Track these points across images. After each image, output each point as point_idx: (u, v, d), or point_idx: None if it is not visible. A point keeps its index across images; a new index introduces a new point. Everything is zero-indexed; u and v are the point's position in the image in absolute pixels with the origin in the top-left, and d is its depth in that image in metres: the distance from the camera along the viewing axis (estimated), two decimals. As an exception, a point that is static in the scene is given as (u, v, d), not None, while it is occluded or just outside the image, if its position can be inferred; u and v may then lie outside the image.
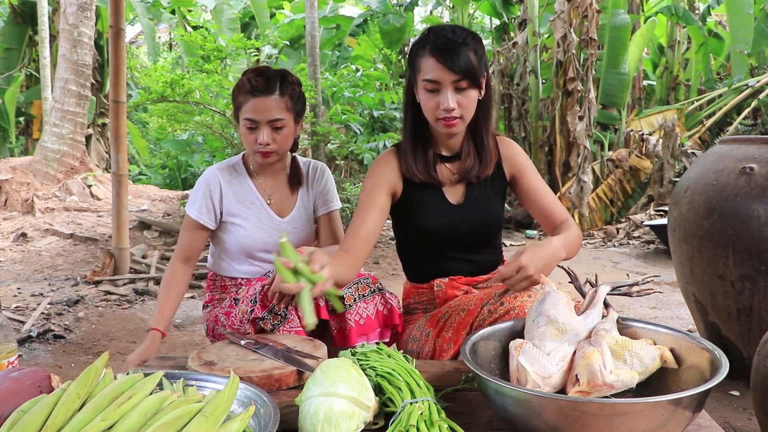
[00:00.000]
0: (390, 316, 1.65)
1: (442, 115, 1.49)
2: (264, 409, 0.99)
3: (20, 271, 4.62)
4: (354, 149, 7.22)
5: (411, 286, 1.76)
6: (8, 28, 9.21)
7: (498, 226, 1.71)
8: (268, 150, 1.73)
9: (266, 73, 1.74)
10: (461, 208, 1.64)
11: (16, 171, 6.90)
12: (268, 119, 1.70)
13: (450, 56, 1.46)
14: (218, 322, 1.76)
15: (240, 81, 1.75)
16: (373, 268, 4.96)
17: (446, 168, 1.64)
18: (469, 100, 1.50)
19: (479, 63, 1.50)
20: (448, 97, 1.47)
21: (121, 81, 4.05)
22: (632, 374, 1.06)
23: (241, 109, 1.74)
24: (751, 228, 2.12)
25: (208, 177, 1.83)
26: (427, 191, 1.63)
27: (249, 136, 1.73)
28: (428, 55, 1.48)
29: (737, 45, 8.12)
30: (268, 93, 1.70)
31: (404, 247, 1.77)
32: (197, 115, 6.60)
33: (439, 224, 1.63)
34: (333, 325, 1.64)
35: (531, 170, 1.70)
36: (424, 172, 1.59)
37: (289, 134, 1.76)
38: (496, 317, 1.41)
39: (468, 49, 1.48)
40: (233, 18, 10.18)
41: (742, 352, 2.26)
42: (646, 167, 7.48)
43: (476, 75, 1.48)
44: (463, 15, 9.31)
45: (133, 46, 14.46)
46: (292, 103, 1.75)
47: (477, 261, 1.69)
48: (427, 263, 1.70)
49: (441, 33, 1.50)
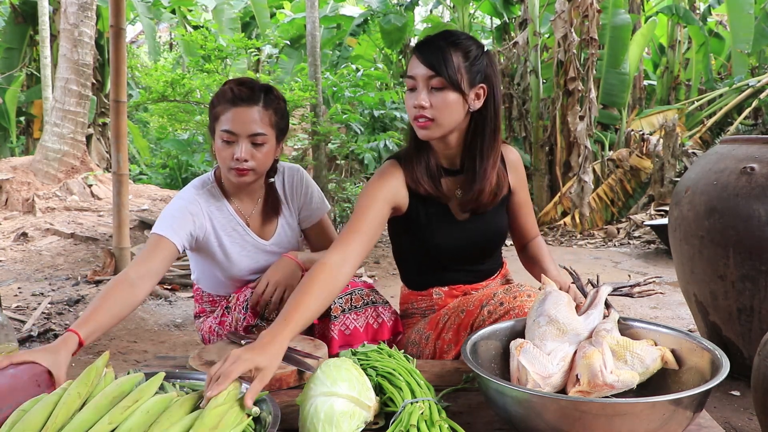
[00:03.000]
0: (380, 330, 1.60)
1: (414, 114, 1.42)
2: (265, 409, 1.00)
3: (21, 270, 4.62)
4: (354, 149, 7.22)
5: (409, 293, 1.72)
6: (9, 28, 9.21)
7: (503, 237, 1.68)
8: (246, 167, 1.54)
9: (250, 84, 1.58)
10: (467, 225, 1.59)
11: (16, 170, 6.90)
12: (249, 133, 1.53)
13: (426, 51, 1.41)
14: (212, 332, 1.73)
15: (220, 90, 1.59)
16: (373, 268, 4.97)
17: (450, 182, 1.57)
18: (444, 102, 1.40)
19: (470, 68, 1.41)
20: (420, 93, 1.40)
21: (122, 81, 4.05)
22: (633, 375, 1.06)
23: (219, 120, 1.55)
24: (751, 228, 2.12)
25: (188, 201, 1.62)
26: (433, 207, 1.56)
27: (225, 150, 1.54)
28: (414, 53, 1.45)
29: (738, 45, 8.12)
30: (251, 103, 1.54)
31: (404, 257, 1.71)
32: (198, 115, 6.60)
33: (444, 241, 1.58)
34: (317, 330, 1.61)
35: (525, 184, 1.69)
36: (430, 184, 1.51)
37: (269, 153, 1.58)
38: (496, 318, 1.40)
39: (456, 49, 1.40)
40: (234, 18, 10.17)
41: (742, 352, 2.26)
42: (646, 167, 7.48)
43: (454, 75, 1.38)
44: (464, 15, 9.30)
45: (134, 46, 14.46)
46: (276, 119, 1.59)
47: (479, 270, 1.67)
48: (427, 274, 1.66)
49: (438, 33, 1.46)
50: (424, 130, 1.43)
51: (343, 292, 1.63)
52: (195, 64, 6.90)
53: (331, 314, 1.58)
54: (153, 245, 1.51)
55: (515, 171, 1.65)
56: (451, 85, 1.39)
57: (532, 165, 8.28)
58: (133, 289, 1.39)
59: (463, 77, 1.40)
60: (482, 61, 1.44)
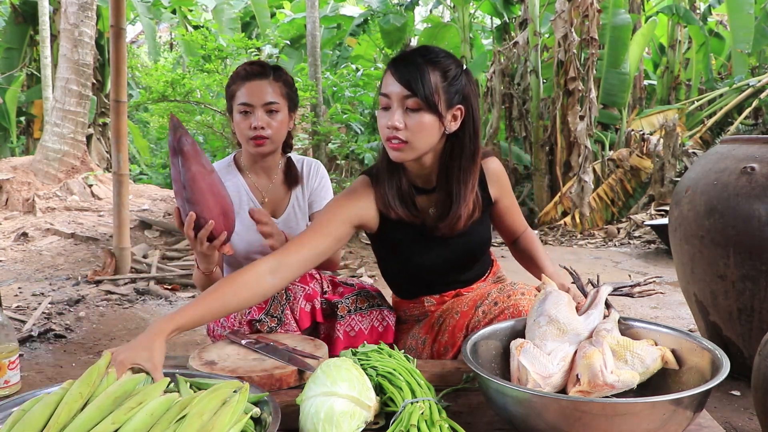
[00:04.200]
0: (385, 333, 1.61)
1: (386, 135, 1.34)
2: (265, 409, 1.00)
3: (21, 270, 4.62)
4: (355, 149, 7.23)
5: (400, 300, 1.69)
6: (9, 28, 9.21)
7: (487, 245, 1.63)
8: (263, 135, 1.68)
9: (260, 62, 1.76)
10: (448, 240, 1.50)
11: (17, 170, 6.90)
12: (263, 102, 1.68)
13: (402, 68, 1.32)
14: (217, 323, 1.75)
15: (233, 72, 1.75)
16: (374, 268, 4.96)
17: (424, 199, 1.49)
18: (419, 124, 1.32)
19: (447, 88, 1.33)
20: (394, 114, 1.31)
21: (122, 80, 4.05)
22: (633, 375, 1.06)
23: (235, 96, 1.71)
24: (752, 228, 2.12)
25: None
26: (409, 228, 1.49)
27: (243, 122, 1.69)
28: (388, 69, 1.36)
29: (738, 45, 8.12)
30: (263, 77, 1.70)
31: (389, 274, 1.66)
32: (198, 115, 6.61)
33: (427, 260, 1.52)
34: (322, 330, 1.63)
35: (509, 190, 1.63)
36: (402, 210, 1.44)
37: (283, 121, 1.73)
38: (491, 318, 1.39)
39: (433, 68, 1.32)
40: (234, 17, 10.18)
41: (743, 352, 2.26)
42: (647, 167, 7.48)
43: (431, 96, 1.30)
44: (464, 15, 9.30)
45: (134, 46, 14.46)
46: (287, 90, 1.74)
47: (467, 278, 1.63)
48: (414, 286, 1.63)
49: (414, 50, 1.38)
50: (397, 152, 1.35)
51: (350, 293, 1.64)
52: (195, 64, 6.90)
53: (338, 314, 1.59)
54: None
55: (497, 181, 1.57)
56: (428, 106, 1.31)
57: (533, 165, 8.28)
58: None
59: (441, 98, 1.32)
60: (460, 81, 1.36)
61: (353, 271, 4.72)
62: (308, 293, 1.60)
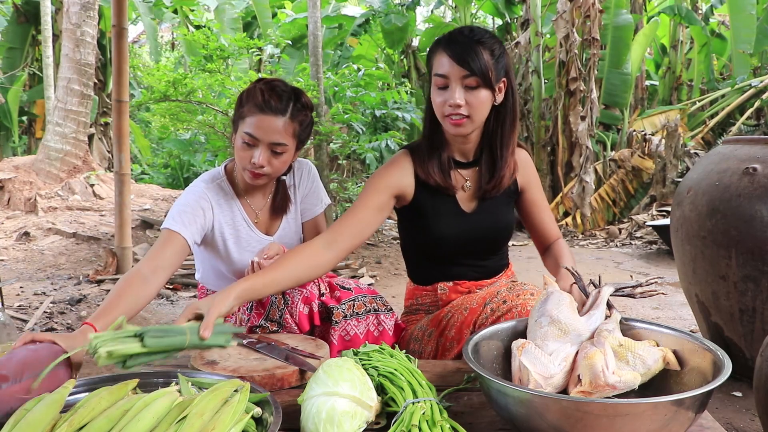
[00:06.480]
0: (381, 338, 1.62)
1: (448, 112, 1.45)
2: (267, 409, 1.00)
3: (23, 270, 4.63)
4: (356, 149, 7.22)
5: (414, 288, 1.75)
6: (11, 28, 9.22)
7: (509, 233, 1.70)
8: (261, 172, 1.58)
9: (280, 90, 1.57)
10: (473, 217, 1.62)
11: (19, 170, 6.91)
12: (270, 141, 1.55)
13: (460, 51, 1.43)
14: None
15: (251, 89, 1.59)
16: (375, 268, 4.97)
17: (460, 175, 1.61)
18: (478, 100, 1.45)
19: (496, 65, 1.46)
20: (455, 92, 1.43)
21: (124, 80, 4.06)
22: (635, 375, 1.06)
23: (244, 121, 1.57)
24: (754, 228, 2.12)
25: (198, 196, 1.64)
26: (440, 198, 1.59)
27: (244, 151, 1.57)
28: (441, 51, 1.46)
29: (740, 45, 8.11)
30: (279, 113, 1.55)
31: (410, 249, 1.75)
32: (200, 115, 6.60)
33: (450, 232, 1.60)
34: (317, 333, 1.63)
35: (537, 184, 1.71)
36: (440, 176, 1.56)
37: (286, 161, 1.62)
38: (499, 315, 1.41)
39: (483, 47, 1.44)
40: (235, 17, 10.19)
41: (744, 352, 2.25)
42: (648, 167, 7.47)
43: (487, 74, 1.43)
44: (466, 15, 9.30)
45: (136, 46, 14.48)
46: (300, 130, 1.61)
47: (484, 266, 1.68)
48: (433, 267, 1.68)
49: (459, 30, 1.49)
50: (459, 127, 1.47)
51: (346, 298, 1.64)
52: (197, 63, 6.90)
53: (333, 319, 1.59)
54: (164, 240, 1.54)
55: (524, 169, 1.68)
56: (485, 83, 1.44)
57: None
58: (145, 284, 1.42)
59: (493, 75, 1.45)
60: (504, 57, 1.49)
61: (354, 270, 4.72)
62: (306, 296, 1.59)
